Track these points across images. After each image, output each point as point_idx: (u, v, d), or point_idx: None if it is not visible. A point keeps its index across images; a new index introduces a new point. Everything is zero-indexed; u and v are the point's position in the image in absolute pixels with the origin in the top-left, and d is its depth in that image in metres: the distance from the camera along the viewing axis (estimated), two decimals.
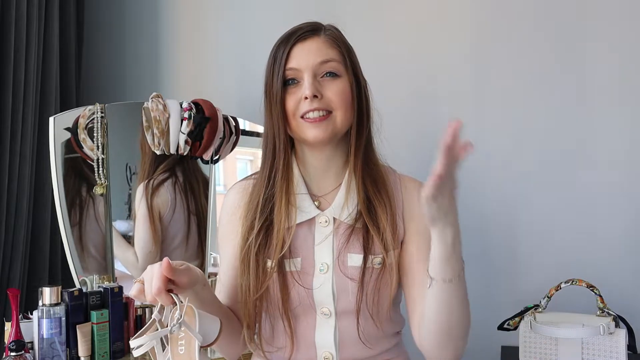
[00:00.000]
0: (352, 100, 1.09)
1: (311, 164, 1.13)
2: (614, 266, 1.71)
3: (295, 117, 1.07)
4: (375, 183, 1.11)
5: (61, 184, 1.70)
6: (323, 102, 1.06)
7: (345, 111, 1.08)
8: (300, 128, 1.07)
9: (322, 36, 1.10)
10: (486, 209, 1.84)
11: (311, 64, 1.06)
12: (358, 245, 1.08)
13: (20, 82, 1.85)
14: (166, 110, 1.71)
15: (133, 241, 1.82)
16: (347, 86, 1.08)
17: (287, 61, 1.07)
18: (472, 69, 1.86)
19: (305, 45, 1.08)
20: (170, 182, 1.85)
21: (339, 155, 1.13)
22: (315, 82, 1.06)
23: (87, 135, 1.71)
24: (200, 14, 2.20)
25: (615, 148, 1.72)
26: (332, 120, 1.07)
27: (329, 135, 1.07)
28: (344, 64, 1.09)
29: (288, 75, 1.07)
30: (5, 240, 1.81)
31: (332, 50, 1.09)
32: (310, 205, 1.10)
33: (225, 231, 1.17)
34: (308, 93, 1.05)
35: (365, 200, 1.09)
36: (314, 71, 1.06)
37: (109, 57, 2.30)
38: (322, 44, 1.09)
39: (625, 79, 1.71)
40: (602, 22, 1.73)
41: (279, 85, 1.07)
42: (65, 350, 1.45)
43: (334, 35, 1.11)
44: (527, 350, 1.55)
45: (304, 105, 1.06)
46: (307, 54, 1.07)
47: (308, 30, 1.09)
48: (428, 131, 1.91)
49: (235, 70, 2.13)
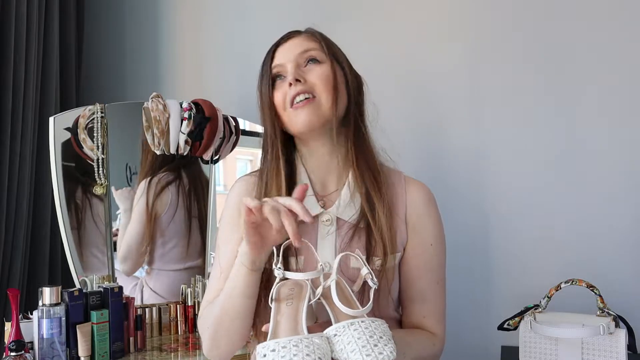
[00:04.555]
0: (336, 85, 1.12)
1: (314, 163, 1.14)
2: (614, 266, 1.71)
3: (286, 110, 1.11)
4: (377, 184, 1.12)
5: (61, 184, 1.70)
6: (307, 86, 1.10)
7: (329, 94, 1.10)
8: (290, 119, 1.11)
9: (302, 34, 1.17)
10: (486, 209, 1.84)
11: (292, 56, 1.12)
12: (360, 247, 1.08)
13: (20, 82, 1.85)
14: (166, 110, 1.71)
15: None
16: (329, 70, 1.12)
17: (272, 61, 1.14)
18: (472, 69, 1.86)
19: (287, 44, 1.15)
20: (174, 184, 1.85)
21: (339, 153, 1.14)
22: (298, 69, 1.12)
23: (87, 135, 1.71)
24: (200, 14, 2.20)
25: (615, 148, 1.72)
26: (316, 104, 1.10)
27: (317, 120, 1.10)
28: (324, 52, 1.14)
29: (274, 73, 1.13)
30: (5, 240, 1.81)
31: (311, 42, 1.15)
32: (314, 204, 1.11)
33: (235, 220, 1.15)
34: (291, 78, 1.10)
35: (366, 202, 1.10)
36: (296, 61, 1.12)
37: (109, 57, 2.30)
38: (302, 39, 1.15)
39: (625, 78, 1.71)
40: (601, 22, 1.73)
41: (267, 83, 1.13)
42: (65, 350, 1.45)
43: (313, 31, 1.18)
44: (527, 350, 1.55)
45: (290, 91, 1.10)
46: (289, 49, 1.14)
47: (288, 34, 1.17)
48: (426, 132, 1.92)
49: (235, 71, 2.13)
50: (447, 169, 1.87)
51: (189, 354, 1.60)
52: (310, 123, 1.09)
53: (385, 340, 0.91)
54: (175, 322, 1.76)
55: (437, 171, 1.87)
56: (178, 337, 1.74)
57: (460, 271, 1.81)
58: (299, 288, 1.00)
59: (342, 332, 0.92)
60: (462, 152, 1.86)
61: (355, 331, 0.91)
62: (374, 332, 0.92)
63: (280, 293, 0.99)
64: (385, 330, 0.93)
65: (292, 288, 1.00)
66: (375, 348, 0.88)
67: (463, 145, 1.86)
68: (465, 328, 1.81)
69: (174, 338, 1.74)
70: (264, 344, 0.90)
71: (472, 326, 1.82)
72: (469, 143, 1.86)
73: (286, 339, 0.90)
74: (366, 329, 0.92)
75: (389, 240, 1.08)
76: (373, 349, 0.88)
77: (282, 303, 0.97)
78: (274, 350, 0.88)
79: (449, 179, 1.86)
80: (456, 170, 1.87)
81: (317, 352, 0.88)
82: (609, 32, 1.73)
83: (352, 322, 0.93)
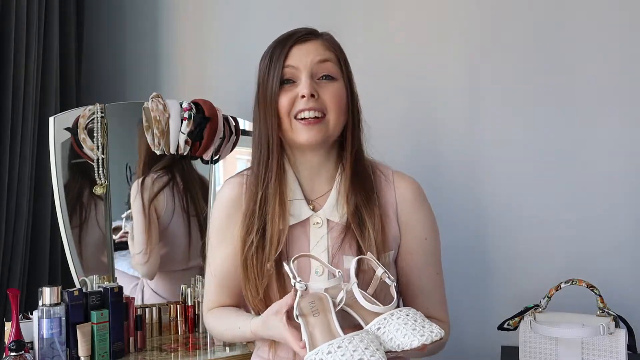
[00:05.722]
0: (347, 105, 1.11)
1: (304, 167, 1.14)
2: (614, 266, 1.71)
3: (290, 116, 1.08)
4: (363, 185, 1.12)
5: (61, 184, 1.70)
6: (319, 103, 1.07)
7: (338, 115, 1.09)
8: (294, 129, 1.08)
9: (320, 39, 1.12)
10: (486, 209, 1.84)
11: (309, 62, 1.08)
12: (353, 247, 1.08)
13: (20, 82, 1.85)
14: (166, 110, 1.71)
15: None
16: (342, 90, 1.10)
17: (285, 60, 1.09)
18: (472, 69, 1.86)
19: (304, 46, 1.10)
20: (167, 183, 1.85)
21: (330, 161, 1.14)
22: (313, 82, 1.08)
23: (87, 135, 1.71)
24: (200, 14, 2.20)
25: (615, 148, 1.72)
26: (325, 123, 1.08)
27: (322, 139, 1.09)
28: (340, 67, 1.11)
29: (286, 73, 1.09)
30: (5, 240, 1.81)
31: (329, 52, 1.11)
32: (304, 207, 1.11)
33: (224, 224, 1.16)
34: (306, 91, 1.06)
35: (355, 203, 1.10)
36: (311, 71, 1.08)
37: (109, 57, 2.30)
38: (319, 45, 1.11)
39: (624, 79, 1.71)
40: (600, 22, 1.73)
41: (276, 83, 1.08)
42: (65, 350, 1.45)
43: (331, 40, 1.14)
44: (527, 350, 1.55)
45: (300, 103, 1.07)
46: (306, 53, 1.09)
47: (307, 33, 1.12)
48: (423, 133, 1.91)
49: (236, 70, 2.13)
50: (447, 169, 1.87)
51: (189, 354, 1.60)
52: (315, 142, 1.08)
53: (429, 322, 0.96)
54: (175, 322, 1.76)
55: (437, 171, 1.87)
56: (178, 337, 1.74)
57: (460, 271, 1.81)
58: (318, 299, 1.00)
59: (385, 324, 0.95)
60: (461, 152, 1.86)
61: (398, 319, 0.95)
62: (416, 317, 0.96)
63: (303, 308, 0.99)
64: (422, 315, 0.98)
65: (312, 301, 1.00)
66: (423, 329, 0.92)
67: (463, 145, 1.86)
68: (465, 328, 1.81)
69: (174, 338, 1.74)
70: (315, 351, 0.90)
71: (472, 326, 1.82)
72: (469, 143, 1.86)
73: (337, 339, 0.91)
74: (407, 316, 0.96)
75: (380, 239, 1.08)
76: (423, 330, 0.92)
77: (309, 317, 0.98)
78: (330, 353, 0.89)
79: (449, 179, 1.86)
80: (456, 170, 1.87)
81: (374, 343, 0.90)
82: (609, 32, 1.73)
83: (391, 313, 0.96)
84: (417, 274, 1.15)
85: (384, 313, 0.97)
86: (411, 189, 1.15)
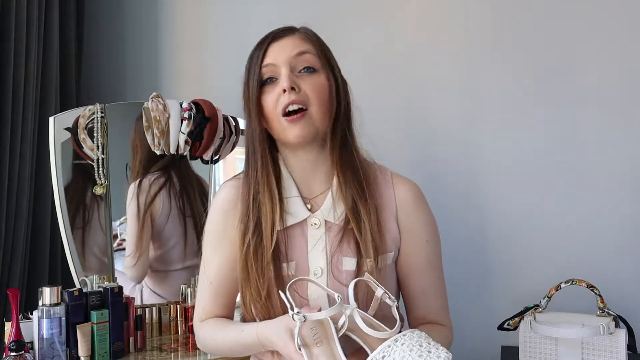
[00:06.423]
0: (329, 96, 1.10)
1: (298, 166, 1.13)
2: (614, 266, 1.71)
3: (277, 116, 1.08)
4: (360, 185, 1.11)
5: (61, 184, 1.70)
6: (300, 95, 1.07)
7: (320, 106, 1.08)
8: (284, 129, 1.08)
9: (296, 33, 1.12)
10: (486, 209, 1.84)
11: (287, 57, 1.08)
12: (352, 248, 1.08)
13: (20, 82, 1.85)
14: (166, 110, 1.71)
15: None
16: (324, 81, 1.09)
17: (263, 59, 1.09)
18: (472, 69, 1.86)
19: (281, 42, 1.10)
20: (164, 184, 1.85)
21: (325, 159, 1.13)
22: (292, 75, 1.08)
23: (87, 135, 1.71)
24: (200, 14, 2.20)
25: (615, 148, 1.72)
26: (309, 117, 1.07)
27: (309, 134, 1.08)
28: (319, 58, 1.10)
29: (265, 73, 1.09)
30: (5, 240, 1.81)
31: (307, 44, 1.11)
32: (301, 208, 1.10)
33: (220, 229, 1.15)
34: (286, 85, 1.06)
35: (353, 204, 1.09)
36: (290, 65, 1.08)
37: (109, 57, 2.30)
38: (297, 39, 1.11)
39: (624, 79, 1.71)
40: (600, 22, 1.73)
41: (255, 84, 1.09)
42: (65, 350, 1.45)
43: (309, 32, 1.14)
44: (527, 350, 1.55)
45: (283, 98, 1.06)
46: (283, 48, 1.09)
47: (283, 30, 1.12)
48: (425, 132, 1.91)
49: (236, 70, 2.10)
50: (447, 169, 1.87)
51: (189, 354, 1.60)
52: (303, 138, 1.08)
53: (435, 345, 0.91)
54: (175, 322, 1.76)
55: (436, 172, 1.87)
56: (178, 337, 1.74)
57: (460, 271, 1.81)
58: (319, 324, 0.98)
59: (390, 352, 0.91)
60: (461, 152, 1.86)
61: (403, 345, 0.91)
62: (421, 341, 0.92)
63: (305, 337, 0.97)
64: (426, 336, 0.93)
65: (313, 327, 0.98)
66: (430, 354, 0.89)
67: (463, 146, 1.86)
68: (465, 328, 1.81)
69: (174, 338, 1.74)
70: None
71: (472, 326, 1.82)
72: (469, 143, 1.86)
73: None
74: (412, 340, 0.91)
75: (379, 241, 1.08)
76: (429, 355, 0.88)
77: (313, 347, 0.96)
78: None
79: (449, 179, 1.86)
80: (456, 170, 1.87)
81: None
82: (609, 32, 1.73)
83: (395, 339, 0.92)
84: (418, 277, 1.14)
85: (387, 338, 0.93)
86: (411, 191, 1.15)
